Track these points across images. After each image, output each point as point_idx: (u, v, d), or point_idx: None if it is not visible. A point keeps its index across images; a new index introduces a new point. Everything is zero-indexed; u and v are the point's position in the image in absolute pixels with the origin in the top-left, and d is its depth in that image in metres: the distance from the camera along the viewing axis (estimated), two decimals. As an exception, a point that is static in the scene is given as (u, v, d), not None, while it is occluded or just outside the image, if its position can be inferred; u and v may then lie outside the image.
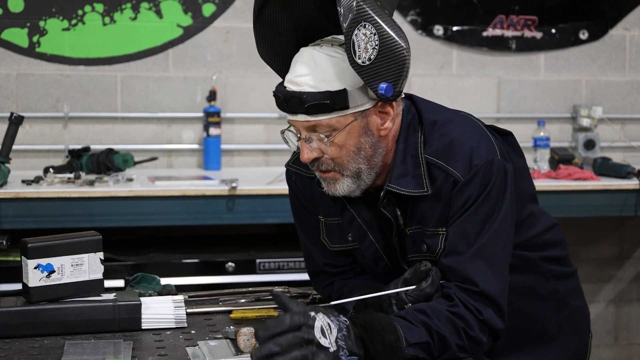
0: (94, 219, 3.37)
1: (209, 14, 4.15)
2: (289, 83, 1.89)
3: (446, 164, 1.93)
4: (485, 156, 1.93)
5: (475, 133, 1.98)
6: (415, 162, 1.95)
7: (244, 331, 1.81)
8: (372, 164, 1.94)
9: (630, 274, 4.69)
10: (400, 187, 1.94)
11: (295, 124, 1.92)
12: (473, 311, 1.87)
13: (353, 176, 1.93)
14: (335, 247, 2.11)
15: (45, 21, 4.00)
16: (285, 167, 2.17)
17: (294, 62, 1.91)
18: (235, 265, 3.51)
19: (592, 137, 4.32)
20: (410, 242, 2.00)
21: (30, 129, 4.01)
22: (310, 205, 2.13)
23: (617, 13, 4.54)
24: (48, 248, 2.02)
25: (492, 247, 1.91)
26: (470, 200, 1.91)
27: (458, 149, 1.93)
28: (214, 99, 4.08)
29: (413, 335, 1.79)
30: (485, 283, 1.88)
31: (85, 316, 2.02)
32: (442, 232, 1.96)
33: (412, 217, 1.98)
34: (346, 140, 1.89)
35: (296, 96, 1.86)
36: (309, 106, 1.85)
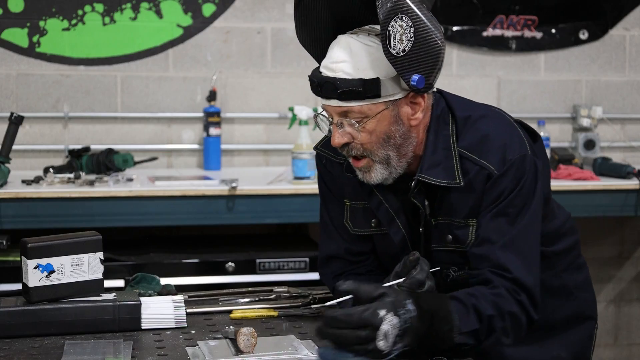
0: (94, 219, 3.37)
1: (209, 14, 4.15)
2: (325, 69, 1.94)
3: (480, 158, 1.98)
4: (518, 151, 1.98)
5: (507, 129, 2.03)
6: (447, 154, 2.00)
7: (244, 331, 1.81)
8: (401, 152, 1.98)
9: (630, 274, 4.69)
10: (431, 177, 1.98)
11: (328, 108, 1.97)
12: (512, 293, 1.92)
13: (382, 162, 1.97)
14: (357, 231, 2.15)
15: (45, 21, 4.00)
16: (314, 150, 2.21)
17: (331, 48, 1.96)
18: (235, 265, 3.51)
19: (592, 137, 4.32)
20: (435, 233, 2.04)
21: (30, 129, 4.01)
22: (337, 188, 2.16)
23: (617, 13, 4.54)
24: (48, 248, 2.02)
25: (523, 239, 1.96)
26: (504, 193, 1.96)
27: (492, 144, 1.98)
28: (214, 99, 4.08)
29: (466, 324, 1.85)
30: (518, 272, 1.92)
31: (85, 316, 2.02)
32: (472, 223, 2.00)
33: (440, 208, 2.02)
34: (376, 127, 1.94)
35: (330, 82, 1.91)
36: (342, 92, 1.90)
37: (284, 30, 4.22)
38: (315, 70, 1.97)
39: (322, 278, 2.24)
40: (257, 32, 4.21)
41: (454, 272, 2.05)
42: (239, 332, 1.82)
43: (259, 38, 4.21)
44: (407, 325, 1.75)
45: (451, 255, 2.04)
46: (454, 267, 2.05)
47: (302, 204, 3.51)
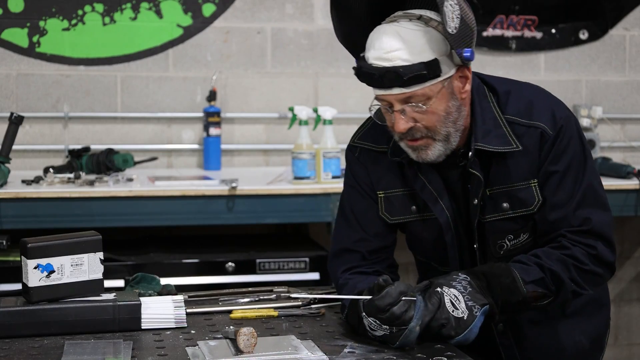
0: (94, 219, 3.37)
1: (209, 14, 4.15)
2: (378, 60, 1.97)
3: (530, 120, 2.08)
4: (565, 111, 2.11)
5: (548, 94, 2.16)
6: (495, 123, 2.08)
7: (244, 331, 1.81)
8: (457, 126, 2.05)
9: (630, 274, 4.69)
10: (488, 145, 2.05)
11: (388, 97, 2.00)
12: (585, 248, 2.05)
13: (444, 140, 2.03)
14: (395, 220, 2.18)
15: (45, 21, 4.00)
16: (350, 145, 2.24)
17: (376, 39, 1.99)
18: (235, 265, 3.51)
19: (592, 137, 4.32)
20: (490, 203, 2.09)
21: (30, 129, 4.01)
22: (370, 181, 2.19)
23: (617, 13, 4.54)
24: (48, 248, 2.02)
25: (592, 188, 2.09)
26: (565, 153, 2.07)
27: (539, 107, 2.10)
28: (214, 99, 4.08)
29: (528, 274, 1.99)
30: (596, 221, 2.07)
31: (85, 316, 2.02)
32: (533, 184, 2.08)
33: (496, 177, 2.08)
34: (438, 107, 2.00)
35: (392, 71, 1.95)
36: (408, 79, 1.94)
37: (284, 30, 4.22)
38: (363, 64, 2.00)
39: (330, 269, 2.24)
40: (257, 32, 4.21)
41: (509, 241, 2.12)
42: (239, 332, 1.82)
43: (259, 38, 4.21)
44: (470, 289, 1.91)
45: (506, 223, 2.11)
46: (509, 235, 2.12)
47: (302, 204, 3.51)
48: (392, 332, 1.87)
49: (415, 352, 1.88)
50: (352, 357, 1.86)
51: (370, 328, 1.90)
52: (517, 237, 2.12)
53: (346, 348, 1.91)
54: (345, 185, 2.25)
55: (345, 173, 2.26)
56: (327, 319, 2.15)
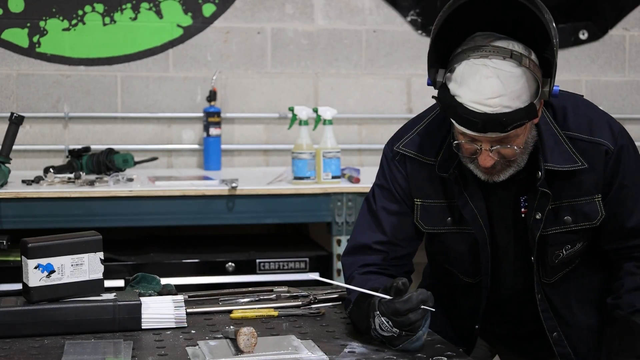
0: (94, 219, 3.37)
1: (209, 14, 4.15)
2: (478, 104, 1.92)
3: (592, 136, 2.09)
4: (617, 123, 2.16)
5: (600, 109, 2.19)
6: (555, 140, 2.08)
7: (244, 331, 1.81)
8: (529, 150, 2.06)
9: (630, 274, 4.69)
10: (556, 165, 2.07)
11: (481, 138, 1.98)
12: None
13: (517, 166, 2.04)
14: (430, 229, 2.18)
15: (45, 21, 4.00)
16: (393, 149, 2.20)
17: (473, 81, 1.92)
18: (235, 265, 3.51)
19: (592, 137, 4.32)
20: (550, 217, 2.10)
21: (30, 129, 4.01)
22: (409, 187, 2.17)
23: (617, 13, 4.54)
24: (48, 248, 2.02)
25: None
26: (628, 165, 2.11)
27: (598, 123, 2.12)
28: (214, 99, 4.08)
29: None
30: None
31: (85, 316, 2.02)
32: (597, 198, 2.11)
33: (558, 192, 2.09)
34: (522, 140, 2.02)
35: (494, 119, 1.92)
36: (511, 127, 1.93)
37: (284, 30, 4.22)
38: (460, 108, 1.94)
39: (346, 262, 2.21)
40: (257, 32, 4.21)
41: (565, 250, 2.14)
42: (239, 332, 1.82)
43: (259, 38, 4.21)
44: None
45: (568, 235, 2.12)
46: (567, 245, 2.13)
47: (302, 204, 3.51)
48: (400, 335, 1.87)
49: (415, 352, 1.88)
50: (352, 357, 1.86)
51: (380, 327, 1.89)
52: (573, 247, 2.14)
53: (346, 348, 1.91)
54: (378, 186, 2.23)
55: (380, 173, 2.23)
56: (327, 319, 2.15)
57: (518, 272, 2.18)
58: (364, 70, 4.25)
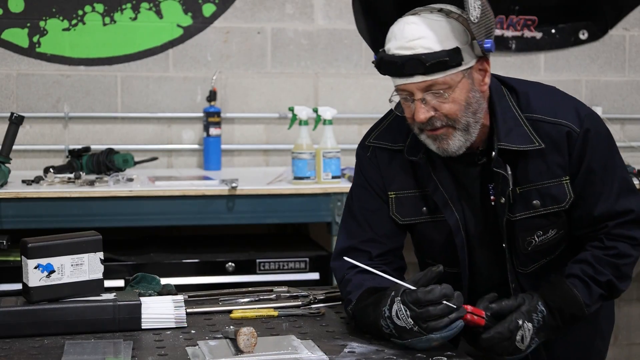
0: (94, 219, 3.37)
1: (209, 14, 4.15)
2: (401, 49, 1.99)
3: (557, 118, 2.09)
4: (587, 109, 2.14)
5: (567, 95, 2.19)
6: (515, 122, 2.09)
7: (244, 331, 1.81)
8: (477, 118, 2.06)
9: (630, 274, 4.69)
10: (511, 144, 2.07)
11: (410, 86, 2.01)
12: (629, 241, 2.12)
13: (464, 129, 2.04)
14: (406, 221, 2.18)
15: (45, 21, 4.00)
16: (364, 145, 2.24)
17: (398, 30, 2.00)
18: (235, 265, 3.51)
19: (592, 137, 4.32)
20: (520, 201, 2.11)
21: (30, 129, 4.01)
22: (385, 180, 2.19)
23: (617, 13, 4.54)
24: (48, 248, 2.02)
25: (624, 177, 2.14)
26: (596, 149, 2.09)
27: (563, 106, 2.12)
28: (214, 99, 4.08)
29: (591, 297, 2.08)
30: (637, 206, 2.13)
31: (85, 316, 2.02)
32: (565, 180, 2.11)
33: (523, 175, 2.10)
34: (459, 96, 2.02)
35: (414, 58, 1.97)
36: (430, 65, 1.96)
37: (284, 30, 4.22)
38: (384, 55, 2.01)
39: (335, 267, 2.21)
40: (257, 32, 4.21)
41: (537, 237, 2.14)
42: (239, 332, 1.82)
43: (259, 38, 4.21)
44: (541, 324, 2.02)
45: (537, 220, 2.12)
46: (539, 231, 2.13)
47: (302, 204, 3.51)
48: (411, 329, 1.86)
49: (415, 352, 1.88)
50: (352, 357, 1.86)
51: (397, 315, 1.88)
52: (545, 233, 2.14)
53: (346, 348, 1.91)
54: (354, 185, 2.25)
55: (355, 173, 2.26)
56: (327, 319, 2.15)
57: (492, 261, 2.18)
58: (364, 70, 4.25)
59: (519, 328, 1.98)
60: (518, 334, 1.98)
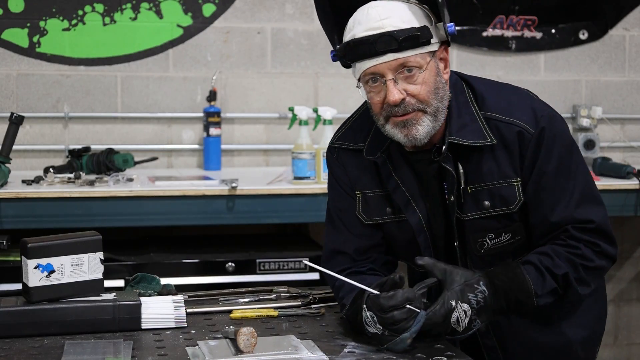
0: (94, 219, 3.37)
1: (209, 14, 4.15)
2: (368, 30, 1.96)
3: (511, 118, 2.05)
4: (546, 109, 2.09)
5: (528, 94, 2.14)
6: (471, 118, 2.06)
7: (244, 331, 1.82)
8: (444, 105, 2.04)
9: (630, 273, 4.69)
10: (462, 139, 2.03)
11: (381, 67, 1.97)
12: (591, 246, 2.05)
13: (433, 114, 2.01)
14: (371, 220, 2.16)
15: (45, 21, 4.00)
16: (329, 146, 2.23)
17: (362, 16, 1.99)
18: (235, 265, 3.51)
19: (592, 137, 4.32)
20: (470, 201, 2.07)
21: (30, 129, 4.01)
22: (349, 180, 2.18)
23: (617, 13, 4.54)
24: (48, 248, 2.02)
25: (587, 185, 2.09)
26: (550, 150, 2.04)
27: (520, 105, 2.07)
28: (214, 99, 4.08)
29: (543, 287, 2.01)
30: (598, 220, 2.06)
31: (85, 316, 2.02)
32: (516, 182, 2.06)
33: (476, 174, 2.06)
34: (429, 78, 1.99)
35: (386, 35, 1.95)
36: (403, 40, 1.94)
37: (284, 30, 4.22)
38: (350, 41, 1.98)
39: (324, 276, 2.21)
40: (257, 32, 4.21)
41: (489, 239, 2.09)
42: (239, 332, 1.82)
43: (259, 38, 4.21)
44: (482, 305, 1.94)
45: (487, 221, 2.08)
46: (490, 234, 2.09)
47: (302, 204, 3.51)
48: (383, 333, 1.88)
49: (415, 352, 1.88)
50: (352, 357, 1.86)
51: (366, 322, 1.90)
52: (498, 237, 2.09)
53: (346, 348, 1.91)
54: (328, 188, 2.25)
55: (327, 175, 2.25)
56: (327, 319, 2.15)
57: (452, 261, 2.13)
58: (364, 70, 4.25)
59: (452, 310, 1.91)
60: (453, 316, 1.91)
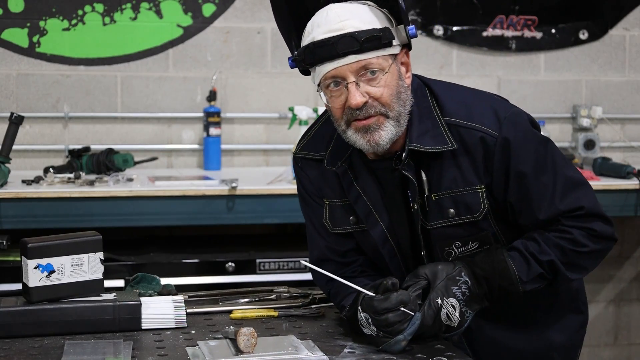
0: (94, 219, 3.37)
1: (209, 14, 4.15)
2: (328, 32, 1.92)
3: (472, 122, 1.99)
4: (509, 108, 2.03)
5: (488, 95, 2.09)
6: (433, 123, 2.00)
7: (244, 331, 1.81)
8: (406, 110, 1.98)
9: (630, 274, 4.69)
10: (422, 146, 1.98)
11: (342, 70, 1.93)
12: (586, 230, 2.00)
13: (395, 119, 1.95)
14: (336, 230, 2.13)
15: (45, 21, 4.00)
16: (293, 156, 2.20)
17: (321, 18, 1.94)
18: (235, 265, 3.51)
19: (592, 137, 4.32)
20: (434, 209, 2.02)
21: (30, 129, 4.01)
22: (317, 189, 2.15)
23: (617, 13, 4.54)
24: (48, 248, 2.02)
25: (567, 175, 2.02)
26: (522, 149, 1.98)
27: (480, 108, 2.01)
28: (214, 99, 4.08)
29: (527, 273, 1.97)
30: (587, 203, 2.00)
31: (85, 316, 2.02)
32: (480, 189, 2.00)
33: (439, 182, 2.01)
34: (391, 82, 1.94)
35: (347, 36, 1.90)
36: (364, 40, 1.90)
37: (284, 30, 4.22)
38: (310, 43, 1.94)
39: (316, 281, 2.21)
40: (257, 32, 4.21)
41: (456, 248, 2.05)
42: (239, 332, 1.82)
43: (259, 38, 4.21)
44: (468, 295, 1.92)
45: (453, 230, 2.03)
46: (456, 242, 2.04)
47: (302, 204, 3.51)
48: (378, 335, 1.87)
49: (415, 352, 1.88)
50: (352, 357, 1.86)
51: (361, 324, 1.90)
52: (465, 245, 2.04)
53: (346, 348, 1.91)
54: (298, 197, 2.22)
55: (297, 187, 2.22)
56: (327, 319, 2.15)
57: None
58: (364, 70, 4.25)
59: (440, 308, 1.89)
60: (442, 313, 1.89)
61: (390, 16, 1.97)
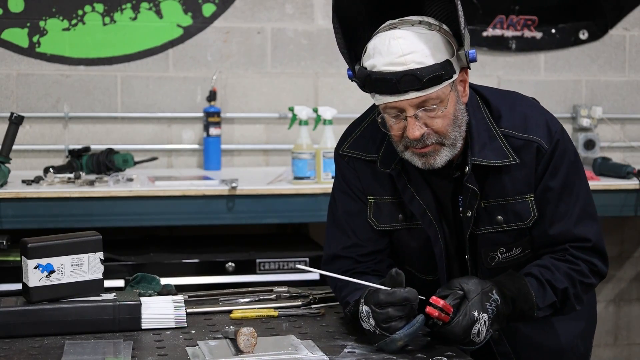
0: (94, 219, 3.37)
1: (209, 14, 4.15)
2: (390, 65, 1.92)
3: (526, 134, 2.06)
4: (558, 125, 2.12)
5: (541, 108, 2.17)
6: (490, 135, 2.05)
7: (244, 331, 1.81)
8: (462, 132, 2.03)
9: (630, 274, 4.69)
10: (485, 160, 2.03)
11: (402, 104, 1.95)
12: (588, 264, 2.09)
13: (451, 145, 2.00)
14: (382, 227, 2.16)
15: (45, 21, 4.00)
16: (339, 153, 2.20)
17: (382, 45, 1.93)
18: (235, 265, 3.51)
19: (592, 137, 4.32)
20: (484, 216, 2.08)
21: (30, 129, 4.01)
22: (361, 185, 2.16)
23: (617, 13, 4.54)
24: (48, 248, 2.02)
25: (587, 202, 2.12)
26: (562, 168, 2.07)
27: (535, 121, 2.08)
28: (214, 99, 4.08)
29: (544, 299, 2.02)
30: (594, 238, 2.10)
31: (85, 316, 2.02)
32: (529, 198, 2.07)
33: (491, 190, 2.07)
34: (449, 110, 1.98)
35: (409, 74, 1.90)
36: (427, 80, 1.91)
37: (284, 30, 4.22)
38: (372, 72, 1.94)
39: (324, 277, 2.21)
40: (257, 32, 4.21)
41: (500, 253, 2.11)
42: (239, 332, 1.82)
43: (259, 38, 4.21)
44: (495, 313, 1.93)
45: (499, 236, 2.09)
46: (502, 248, 2.10)
47: (302, 204, 3.51)
48: (375, 331, 1.87)
49: (415, 352, 1.88)
50: (352, 357, 1.86)
51: (361, 317, 1.90)
52: (509, 251, 2.11)
53: (346, 348, 1.91)
54: (335, 191, 2.22)
55: (335, 178, 2.23)
56: (327, 319, 2.15)
57: (464, 272, 2.15)
58: (364, 70, 4.25)
59: (475, 322, 1.88)
60: (474, 328, 1.89)
61: (451, 40, 1.98)
